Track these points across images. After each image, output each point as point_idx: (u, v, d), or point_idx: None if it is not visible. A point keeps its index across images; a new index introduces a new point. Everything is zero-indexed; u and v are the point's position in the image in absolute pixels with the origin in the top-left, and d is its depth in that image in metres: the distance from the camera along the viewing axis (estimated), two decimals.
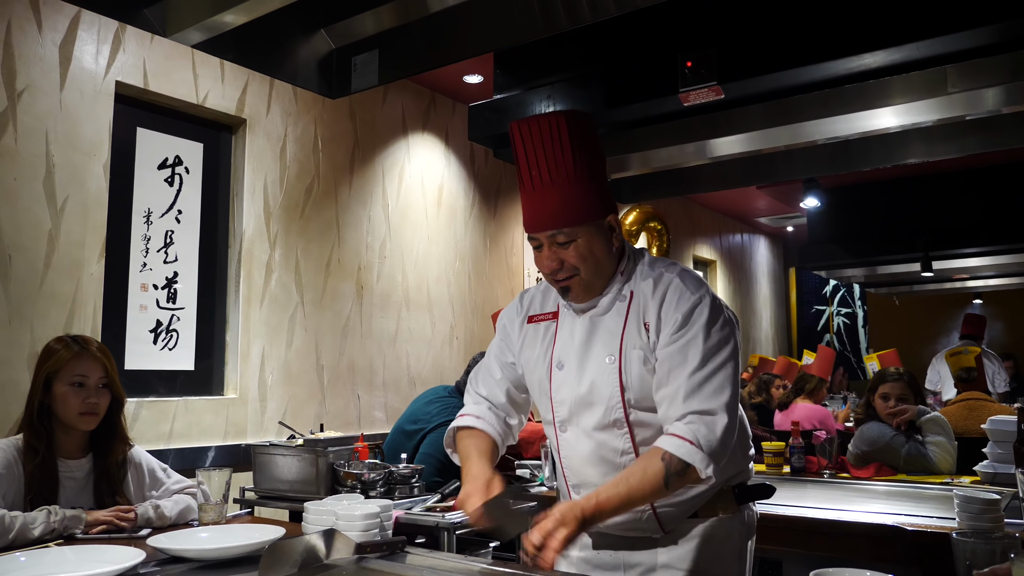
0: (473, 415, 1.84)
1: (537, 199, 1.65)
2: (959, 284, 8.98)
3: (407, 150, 5.23)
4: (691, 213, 8.79)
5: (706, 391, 1.57)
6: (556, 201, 1.63)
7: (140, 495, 2.27)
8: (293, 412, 4.32)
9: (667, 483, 1.52)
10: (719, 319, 1.63)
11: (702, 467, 1.52)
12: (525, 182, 1.67)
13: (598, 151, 1.71)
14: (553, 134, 1.63)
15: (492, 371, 1.88)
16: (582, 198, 1.64)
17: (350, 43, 2.75)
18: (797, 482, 3.48)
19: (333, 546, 1.74)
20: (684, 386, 1.57)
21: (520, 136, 1.67)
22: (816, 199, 6.64)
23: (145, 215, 3.86)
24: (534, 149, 1.64)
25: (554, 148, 1.63)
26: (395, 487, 2.79)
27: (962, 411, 4.43)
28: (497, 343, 1.91)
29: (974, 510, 2.26)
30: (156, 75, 3.81)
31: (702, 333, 1.60)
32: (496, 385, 1.86)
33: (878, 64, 2.60)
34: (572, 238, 1.64)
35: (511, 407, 1.86)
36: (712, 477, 1.53)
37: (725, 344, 1.62)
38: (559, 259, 1.66)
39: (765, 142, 3.43)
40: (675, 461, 1.52)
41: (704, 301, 1.64)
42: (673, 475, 1.52)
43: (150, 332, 3.85)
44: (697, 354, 1.59)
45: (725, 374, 1.60)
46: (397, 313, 5.07)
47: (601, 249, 1.68)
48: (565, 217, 1.63)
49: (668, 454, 1.53)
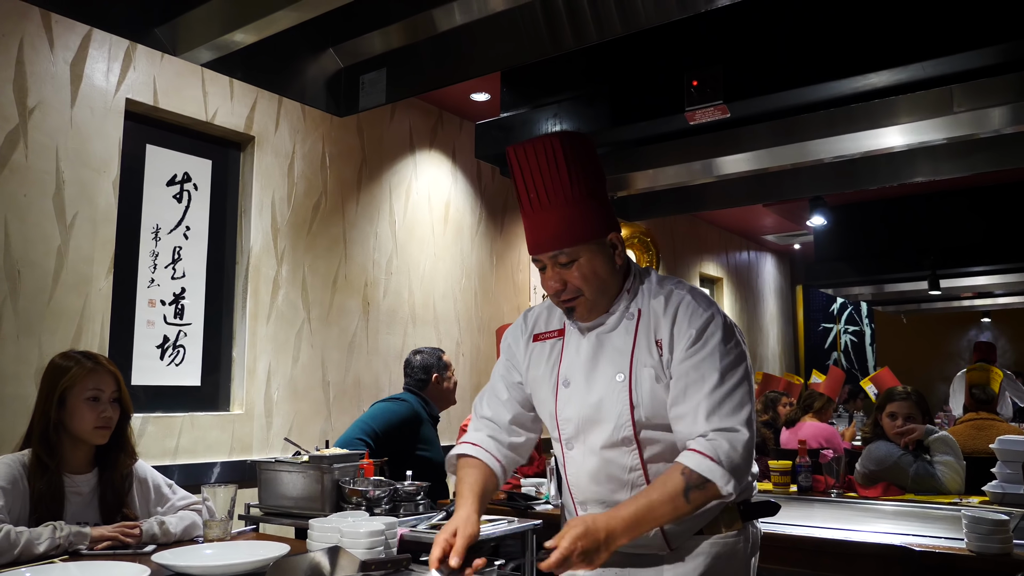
0: (471, 443, 1.82)
1: (537, 221, 1.66)
2: (967, 302, 8.95)
3: (414, 167, 5.26)
4: (697, 230, 8.79)
5: (726, 408, 1.58)
6: (556, 222, 1.64)
7: (146, 511, 2.28)
8: (299, 428, 4.32)
9: (687, 496, 1.52)
10: (732, 336, 1.65)
11: (722, 484, 1.52)
12: (524, 205, 1.69)
13: (597, 170, 1.72)
14: (549, 156, 1.64)
15: (498, 392, 1.88)
16: (581, 218, 1.65)
17: (358, 62, 2.78)
18: (804, 501, 3.47)
19: (338, 563, 1.74)
20: (704, 403, 1.58)
21: (517, 160, 1.68)
22: (822, 217, 6.64)
23: (153, 231, 3.89)
24: (531, 172, 1.66)
25: (551, 170, 1.64)
26: (400, 504, 2.78)
27: (970, 431, 4.41)
28: (503, 363, 1.91)
29: (983, 531, 2.25)
30: (166, 92, 3.85)
31: (718, 350, 1.61)
32: (502, 406, 1.86)
33: (884, 84, 2.61)
34: (574, 258, 1.65)
35: (517, 427, 1.84)
36: (732, 494, 1.54)
37: (740, 361, 1.63)
38: (562, 280, 1.67)
39: (771, 161, 3.44)
40: (695, 476, 1.53)
41: (716, 318, 1.66)
42: (693, 488, 1.52)
43: (157, 347, 3.86)
44: (714, 371, 1.60)
45: (743, 391, 1.61)
46: (403, 329, 5.08)
47: (604, 268, 1.68)
48: (565, 238, 1.64)
49: (688, 469, 1.54)
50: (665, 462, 1.66)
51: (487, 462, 1.79)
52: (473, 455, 1.79)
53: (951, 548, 2.36)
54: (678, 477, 1.54)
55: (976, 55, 2.30)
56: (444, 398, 3.79)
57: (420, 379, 3.77)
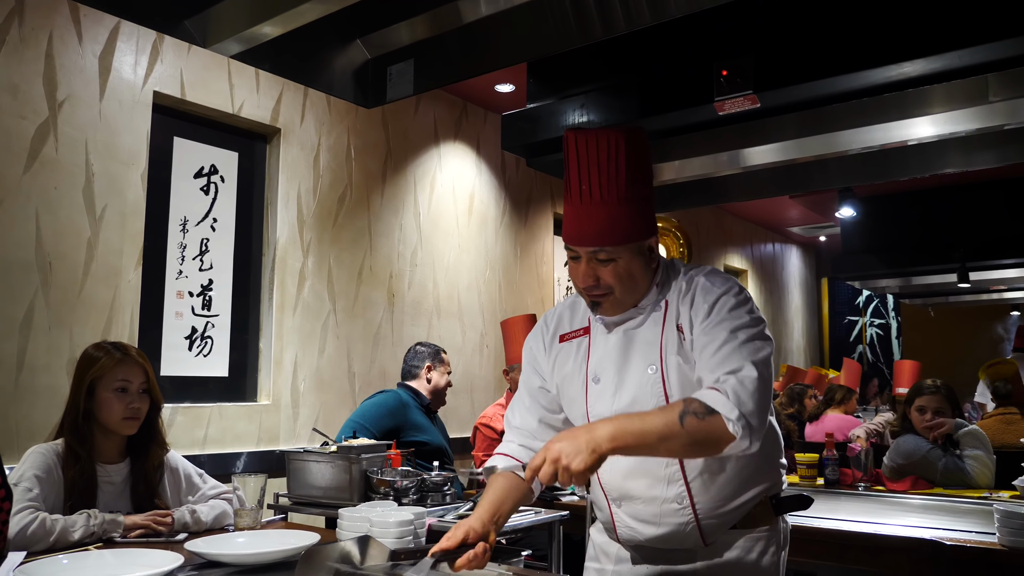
0: (502, 453, 1.80)
1: (584, 213, 1.63)
2: (996, 295, 8.81)
3: (439, 159, 5.26)
4: (722, 222, 8.73)
5: (735, 357, 1.52)
6: (603, 219, 1.60)
7: (177, 500, 2.30)
8: (325, 419, 4.35)
9: (682, 419, 1.44)
10: (746, 305, 1.61)
11: (727, 412, 1.45)
12: (573, 195, 1.64)
13: (649, 172, 1.69)
14: (611, 152, 1.60)
15: (522, 399, 1.86)
16: (629, 219, 1.62)
17: (386, 53, 2.78)
18: (831, 494, 3.44)
19: (368, 552, 1.75)
20: (713, 359, 1.54)
21: (576, 148, 1.63)
22: (851, 209, 6.56)
23: (181, 223, 3.92)
24: (588, 164, 1.61)
25: (609, 166, 1.60)
26: (427, 494, 2.79)
27: (999, 425, 4.36)
28: (525, 370, 1.88)
29: (1016, 525, 2.22)
30: (193, 85, 3.87)
31: (728, 316, 1.58)
32: (527, 412, 1.84)
33: (917, 73, 2.57)
34: (613, 257, 1.63)
35: (547, 431, 1.81)
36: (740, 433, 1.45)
37: (754, 324, 1.59)
38: (595, 276, 1.64)
39: (800, 151, 3.40)
40: (696, 402, 1.46)
41: (731, 291, 1.63)
42: (690, 413, 1.44)
43: (185, 339, 3.90)
44: (724, 331, 1.56)
45: (755, 343, 1.55)
46: (428, 321, 5.09)
47: (639, 270, 1.66)
48: (610, 237, 1.61)
49: (691, 397, 1.48)
50: None
51: (515, 471, 1.75)
52: (501, 467, 1.77)
53: (982, 543, 2.33)
54: (679, 403, 1.48)
55: (1013, 43, 2.26)
56: (432, 392, 3.78)
57: (411, 366, 3.78)
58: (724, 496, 1.64)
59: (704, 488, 1.64)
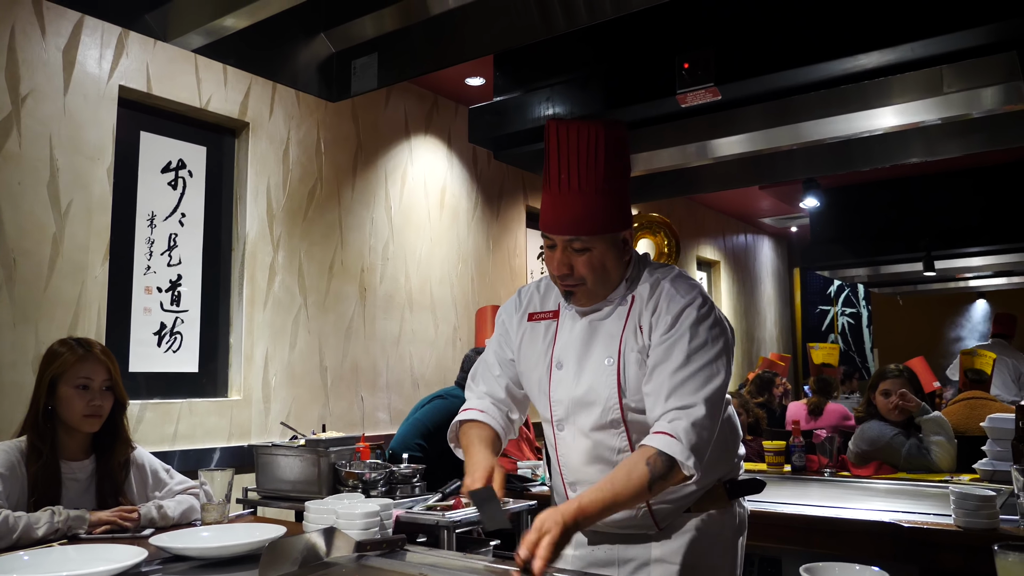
0: (476, 409, 1.86)
1: (561, 202, 1.66)
2: (962, 283, 8.96)
3: (410, 152, 5.26)
4: (695, 214, 8.80)
5: (688, 388, 1.58)
6: (580, 209, 1.64)
7: (143, 496, 2.30)
8: (297, 414, 4.35)
9: (651, 486, 1.52)
10: (708, 319, 1.65)
11: (683, 459, 1.52)
12: (552, 183, 1.68)
13: (627, 166, 1.74)
14: (590, 143, 1.64)
15: (491, 367, 1.91)
16: (605, 210, 1.66)
17: (350, 47, 2.77)
18: (798, 481, 3.50)
19: (333, 544, 1.76)
20: (666, 384, 1.59)
21: (557, 137, 1.67)
22: (815, 199, 6.65)
23: (149, 218, 3.89)
24: (568, 153, 1.65)
25: (588, 156, 1.64)
26: (396, 487, 2.81)
27: (963, 410, 4.43)
28: (496, 339, 1.93)
29: (970, 507, 2.28)
30: (159, 79, 3.84)
31: (688, 333, 1.62)
32: (495, 381, 1.89)
33: (874, 64, 2.61)
34: (588, 247, 1.67)
35: (512, 402, 1.88)
36: (694, 472, 1.54)
37: (713, 343, 1.63)
38: (569, 264, 1.68)
39: (765, 142, 3.44)
40: (659, 463, 1.53)
41: (694, 303, 1.66)
42: (658, 479, 1.52)
43: (154, 335, 3.88)
44: (681, 353, 1.61)
45: (709, 371, 1.61)
46: (400, 315, 5.09)
47: (613, 262, 1.70)
48: (586, 226, 1.65)
49: (653, 456, 1.54)
50: None
51: (492, 425, 1.82)
52: (478, 419, 1.82)
53: (939, 524, 2.39)
54: (643, 468, 1.53)
55: (965, 35, 2.30)
56: None
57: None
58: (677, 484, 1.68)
59: None
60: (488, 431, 1.80)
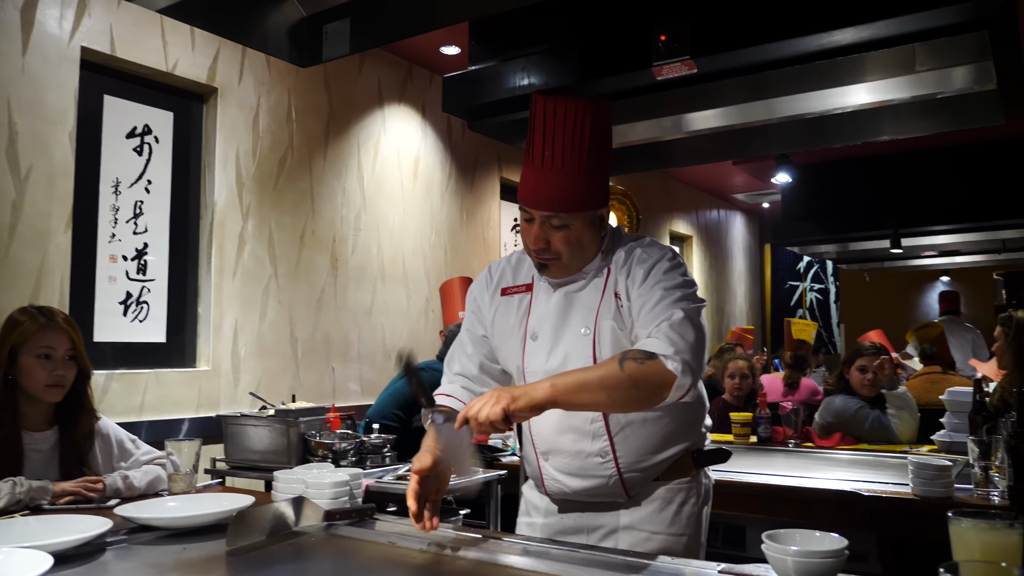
0: (446, 394, 1.86)
1: (544, 178, 1.66)
2: (927, 261, 9.10)
3: (383, 122, 5.20)
4: (668, 188, 8.82)
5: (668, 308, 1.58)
6: (562, 187, 1.65)
7: (108, 466, 2.27)
8: (267, 384, 4.32)
9: (621, 364, 1.49)
10: (679, 268, 1.68)
11: (665, 352, 1.50)
12: (535, 158, 1.68)
13: (609, 145, 1.75)
14: (577, 121, 1.65)
15: (464, 346, 1.92)
16: (586, 189, 1.67)
17: (322, 10, 2.71)
18: (764, 451, 3.56)
19: (302, 513, 1.76)
20: (649, 315, 1.60)
21: (544, 112, 1.67)
22: (788, 175, 6.70)
23: (113, 185, 3.81)
24: (554, 130, 1.66)
25: (574, 135, 1.65)
26: (367, 456, 2.80)
27: (924, 384, 4.54)
28: (468, 317, 1.93)
29: (927, 476, 2.35)
30: (124, 41, 3.75)
31: (664, 277, 1.65)
32: (468, 359, 1.89)
33: (848, 41, 2.60)
34: (566, 224, 1.68)
35: (487, 378, 1.88)
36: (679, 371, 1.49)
37: (686, 285, 1.65)
38: (546, 239, 1.69)
39: (739, 117, 3.43)
40: (636, 353, 1.51)
41: (665, 256, 1.70)
42: (628, 359, 1.49)
43: (120, 304, 3.82)
44: (659, 290, 1.63)
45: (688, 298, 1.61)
46: (372, 286, 5.06)
47: (589, 238, 1.72)
48: (567, 203, 1.66)
49: (630, 350, 1.53)
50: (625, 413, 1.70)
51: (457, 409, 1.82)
52: (446, 405, 1.82)
53: (897, 493, 2.46)
54: (616, 359, 1.52)
55: (938, 14, 2.31)
56: None
57: None
58: (646, 452, 1.71)
59: (626, 443, 1.70)
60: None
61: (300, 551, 1.62)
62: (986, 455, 2.36)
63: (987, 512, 1.20)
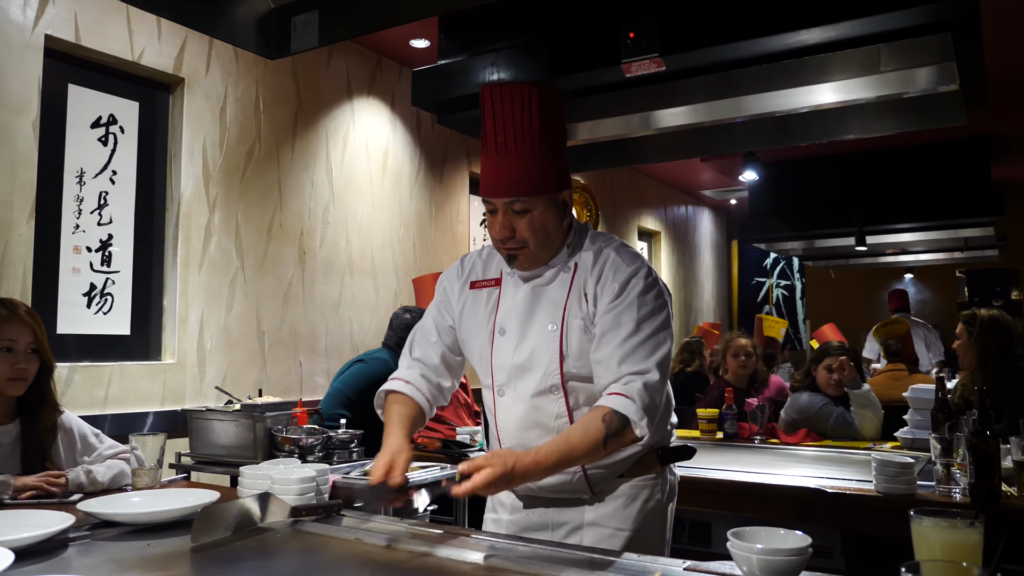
0: (403, 379, 1.87)
1: (500, 165, 1.68)
2: (891, 258, 9.26)
3: (352, 114, 5.16)
4: (637, 184, 8.87)
5: (639, 354, 1.64)
6: (518, 170, 1.66)
7: (71, 461, 2.24)
8: (233, 378, 4.28)
9: (605, 442, 1.57)
10: (653, 289, 1.71)
11: (636, 419, 1.58)
12: (489, 147, 1.69)
13: (562, 126, 1.76)
14: (524, 103, 1.66)
15: (428, 334, 1.92)
16: (543, 170, 1.68)
17: (290, 2, 2.69)
18: (729, 447, 3.60)
19: (268, 509, 1.75)
20: (618, 351, 1.64)
21: (491, 100, 1.68)
22: (755, 172, 6.77)
23: (78, 175, 3.75)
24: (503, 116, 1.67)
25: (523, 117, 1.66)
26: (334, 452, 2.79)
27: (887, 381, 4.62)
28: (436, 305, 1.94)
29: (889, 473, 2.38)
30: (88, 30, 3.68)
31: (636, 301, 1.68)
32: (431, 348, 1.90)
33: (815, 40, 2.64)
34: (529, 208, 1.68)
35: (445, 369, 1.90)
36: (646, 434, 1.59)
37: (658, 312, 1.69)
38: (511, 227, 1.70)
39: (707, 115, 3.46)
40: (615, 420, 1.58)
41: (639, 273, 1.71)
42: (612, 435, 1.57)
43: (84, 296, 3.76)
44: (631, 321, 1.66)
45: (657, 339, 1.67)
46: (340, 279, 5.03)
47: (553, 223, 1.72)
48: (525, 187, 1.67)
49: (608, 413, 1.58)
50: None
51: (415, 398, 1.84)
52: (402, 391, 1.84)
53: (860, 489, 2.50)
54: (599, 424, 1.58)
55: (902, 15, 2.35)
56: None
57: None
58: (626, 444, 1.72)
59: None
60: (411, 406, 1.82)
61: (265, 547, 1.61)
62: (948, 452, 2.41)
63: (948, 511, 1.22)
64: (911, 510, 1.24)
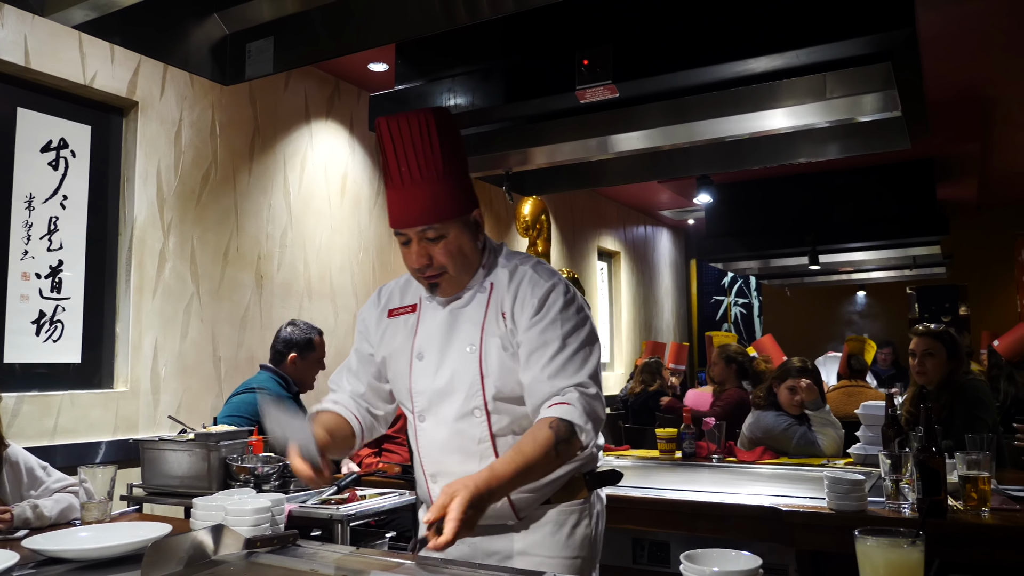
0: (332, 400, 1.88)
1: (408, 195, 1.66)
2: (844, 277, 9.46)
3: (310, 137, 5.15)
4: (596, 205, 8.95)
5: (570, 368, 1.65)
6: (427, 197, 1.65)
7: (17, 495, 2.19)
8: (188, 405, 4.21)
9: (556, 449, 1.56)
10: (573, 304, 1.72)
11: (581, 423, 1.59)
12: (394, 178, 1.68)
13: (462, 148, 1.75)
14: (423, 131, 1.65)
15: (351, 365, 1.93)
16: (451, 194, 1.67)
17: (245, 28, 2.68)
18: (688, 467, 3.63)
19: (221, 542, 1.72)
20: (548, 368, 1.64)
21: (389, 132, 1.68)
22: (709, 195, 6.89)
23: (27, 200, 3.67)
24: (403, 146, 1.66)
25: (423, 145, 1.65)
26: (290, 480, 2.76)
27: (842, 396, 4.72)
28: (357, 338, 1.94)
29: (841, 490, 2.43)
30: (39, 53, 3.62)
31: (559, 317, 1.68)
32: (355, 376, 1.90)
33: (764, 69, 2.72)
34: (442, 234, 1.68)
35: (374, 397, 1.89)
36: (591, 440, 1.61)
37: (582, 326, 1.70)
38: (428, 255, 1.69)
39: (661, 139, 3.53)
40: (562, 427, 1.58)
41: (557, 288, 1.72)
42: (562, 442, 1.57)
43: (32, 323, 3.67)
44: (556, 338, 1.66)
45: (585, 352, 1.68)
46: (299, 303, 4.99)
47: (469, 245, 1.72)
48: (436, 213, 1.66)
49: (554, 420, 1.58)
50: (513, 435, 1.71)
51: (343, 414, 1.84)
52: (330, 408, 1.84)
53: (813, 507, 2.53)
54: (547, 431, 1.57)
55: (845, 45, 2.43)
56: (299, 379, 3.70)
57: (278, 352, 3.68)
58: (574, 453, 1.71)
59: None
60: (333, 418, 1.82)
61: None
62: (897, 468, 2.45)
63: (891, 529, 1.25)
64: (855, 529, 1.27)
